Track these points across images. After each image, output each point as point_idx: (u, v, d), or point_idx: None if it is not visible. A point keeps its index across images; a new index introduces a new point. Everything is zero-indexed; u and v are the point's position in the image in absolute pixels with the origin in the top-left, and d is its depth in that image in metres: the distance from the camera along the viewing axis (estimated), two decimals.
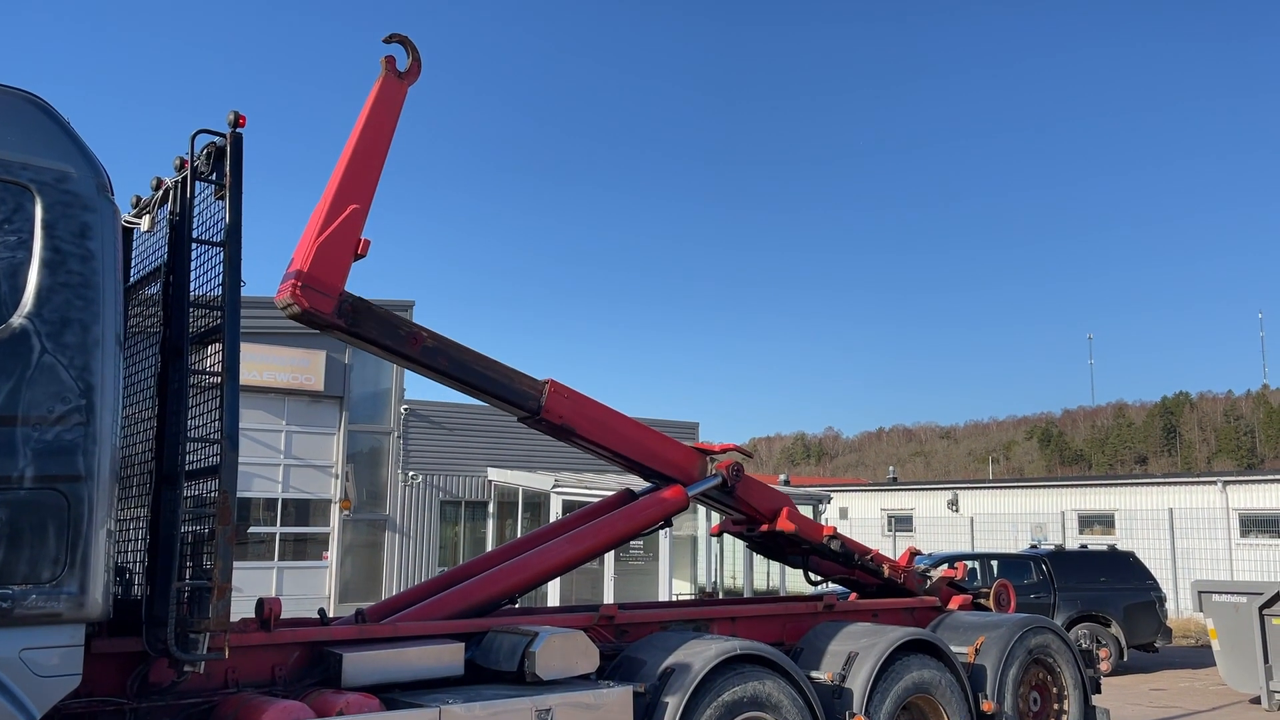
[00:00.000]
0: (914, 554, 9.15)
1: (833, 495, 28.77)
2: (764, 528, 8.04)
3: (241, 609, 5.21)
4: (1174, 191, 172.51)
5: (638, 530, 7.34)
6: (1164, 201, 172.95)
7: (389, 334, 6.04)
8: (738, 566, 24.47)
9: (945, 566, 9.39)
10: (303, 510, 21.72)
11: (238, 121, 5.07)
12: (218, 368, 4.88)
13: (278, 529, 21.12)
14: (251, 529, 20.39)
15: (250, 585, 17.88)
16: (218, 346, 4.94)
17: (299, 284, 5.64)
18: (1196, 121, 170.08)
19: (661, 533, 22.37)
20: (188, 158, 5.23)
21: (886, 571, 8.55)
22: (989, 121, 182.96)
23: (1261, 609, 12.53)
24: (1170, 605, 20.69)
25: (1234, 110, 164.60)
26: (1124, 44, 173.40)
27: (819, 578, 8.92)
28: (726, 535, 8.64)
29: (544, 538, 7.28)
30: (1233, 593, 13.11)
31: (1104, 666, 14.99)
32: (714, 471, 7.62)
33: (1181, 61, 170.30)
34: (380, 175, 6.00)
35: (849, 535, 8.64)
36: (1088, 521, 29.28)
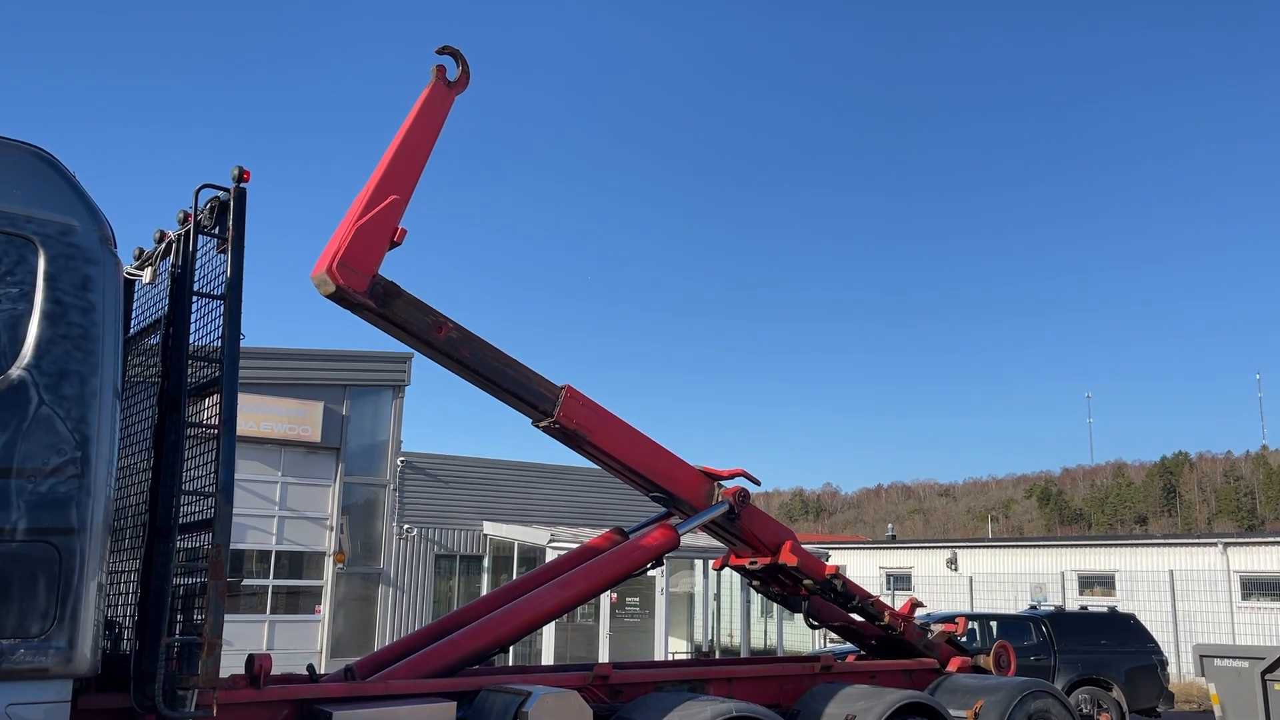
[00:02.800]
0: (915, 605, 9.04)
1: (831, 553, 28.54)
2: (766, 560, 7.94)
3: (232, 663, 5.15)
4: (1172, 250, 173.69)
5: (628, 572, 7.25)
6: (1162, 260, 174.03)
7: (417, 320, 6.12)
8: (735, 624, 24.21)
9: (946, 622, 9.29)
10: (296, 563, 21.54)
11: (242, 176, 5.13)
12: (215, 420, 4.87)
13: (270, 581, 20.92)
14: (244, 581, 20.22)
15: (241, 638, 17.70)
16: (215, 398, 4.94)
17: (335, 262, 5.74)
18: (1196, 175, 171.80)
19: (658, 590, 22.18)
20: (191, 211, 5.28)
21: (886, 618, 8.45)
22: (988, 175, 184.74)
23: (1264, 674, 12.37)
24: (1172, 669, 20.44)
25: (1232, 161, 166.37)
26: (1123, 96, 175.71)
27: (818, 623, 8.80)
28: (724, 595, 8.56)
29: (534, 583, 7.19)
30: (1235, 657, 12.96)
31: None
32: (720, 499, 7.52)
33: (1179, 112, 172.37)
34: (422, 173, 6.20)
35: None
36: (1088, 582, 29.02)
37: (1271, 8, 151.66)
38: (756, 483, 7.83)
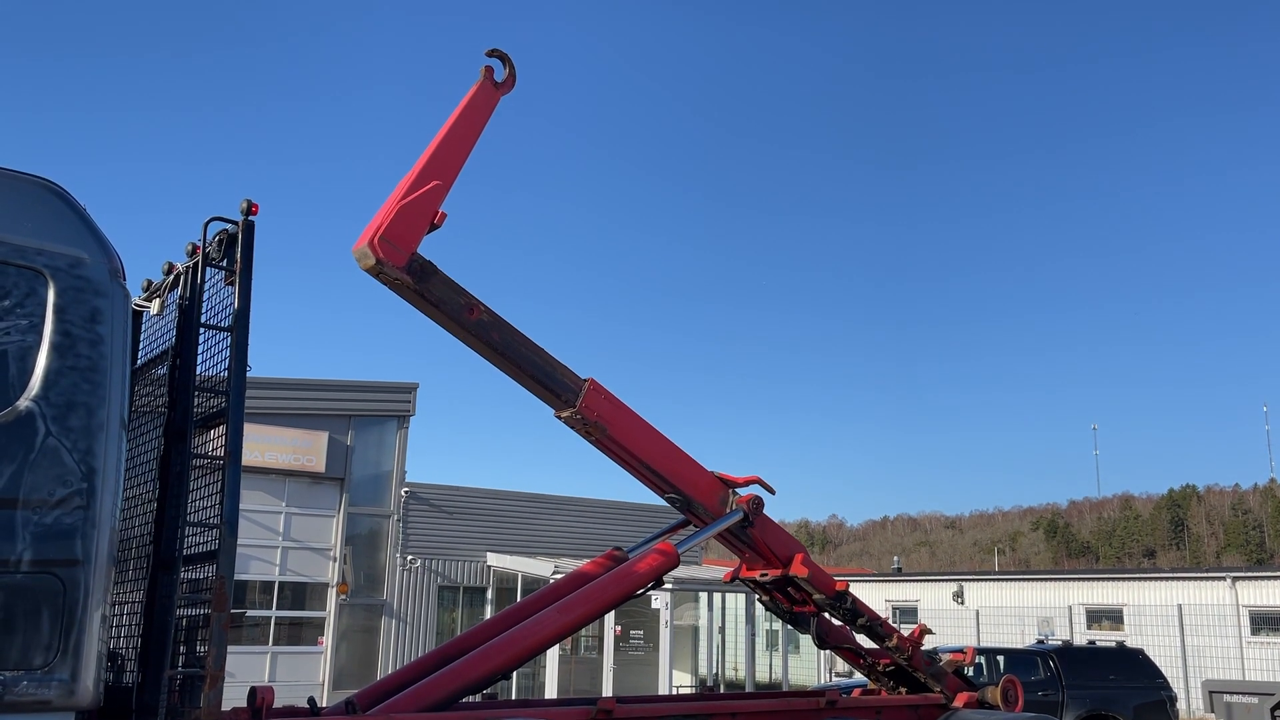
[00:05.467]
0: (925, 631, 8.97)
1: None
2: (777, 572, 7.90)
3: (234, 695, 5.13)
4: (1178, 283, 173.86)
5: (630, 593, 7.18)
6: (1168, 292, 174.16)
7: (451, 299, 6.25)
8: (740, 658, 24.05)
9: (953, 652, 9.21)
10: (299, 594, 21.47)
11: (250, 210, 5.18)
12: (220, 451, 4.89)
13: (273, 612, 20.85)
14: (246, 612, 20.15)
15: (243, 670, 17.60)
16: (221, 430, 4.96)
17: (377, 237, 5.90)
18: (1202, 207, 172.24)
19: (662, 623, 21.99)
20: (200, 243, 5.32)
21: (894, 640, 8.40)
22: (989, 203, 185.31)
23: (1274, 710, 12.28)
24: (1181, 704, 20.25)
25: (1237, 201, 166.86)
26: (1125, 127, 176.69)
27: (824, 644, 8.72)
28: (729, 628, 8.49)
29: (533, 607, 7.13)
30: (1244, 693, 12.86)
31: None
32: (735, 506, 7.50)
33: (1184, 144, 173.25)
34: (464, 165, 6.44)
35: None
36: (1095, 616, 28.82)
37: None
38: (771, 491, 7.78)
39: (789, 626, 8.86)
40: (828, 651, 8.96)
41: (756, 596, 8.63)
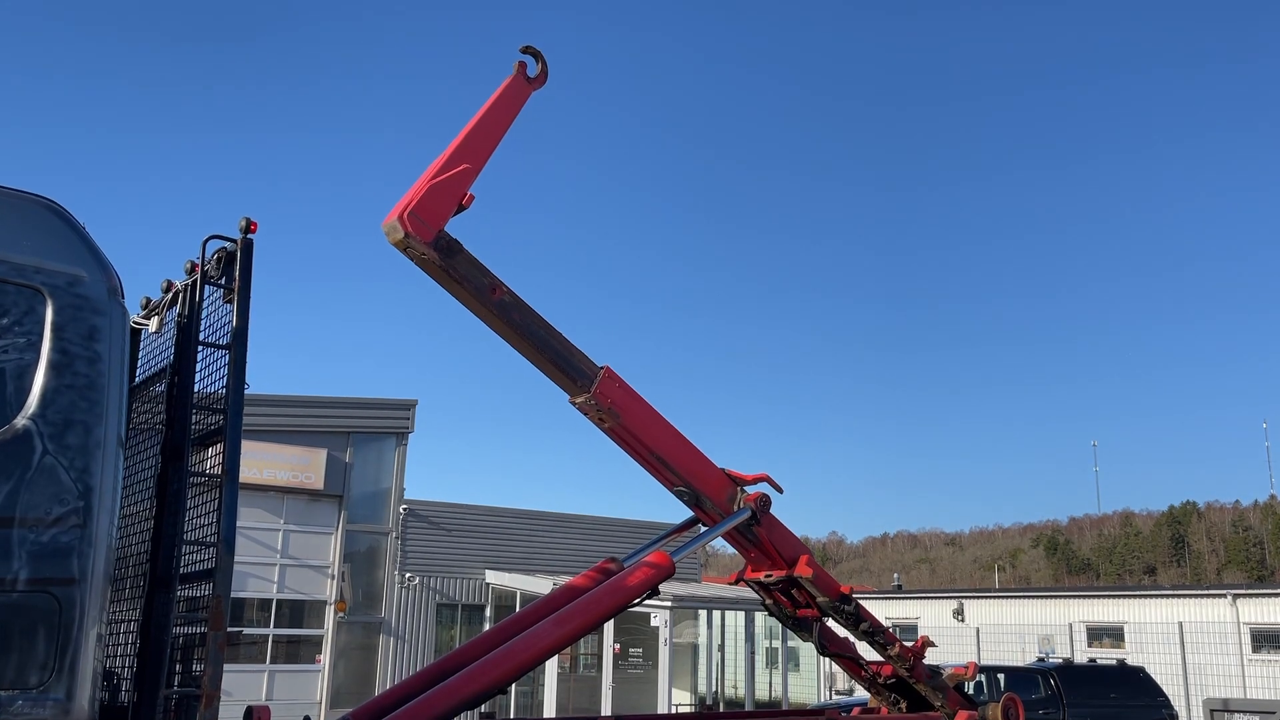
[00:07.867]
0: (928, 643, 8.93)
1: None
2: (781, 573, 7.88)
3: (230, 714, 5.11)
4: (1177, 299, 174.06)
5: (626, 603, 7.13)
6: (1167, 309, 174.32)
7: (475, 278, 6.35)
8: (739, 676, 23.95)
9: (955, 666, 9.17)
10: (297, 611, 21.41)
11: (249, 228, 5.19)
12: (218, 469, 4.88)
13: (270, 630, 20.77)
14: (244, 630, 20.08)
15: (240, 688, 17.55)
16: (219, 447, 4.95)
17: (406, 212, 6.04)
18: (1200, 231, 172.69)
19: (661, 641, 21.91)
20: (199, 261, 5.33)
21: (896, 649, 8.37)
22: (988, 223, 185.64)
23: None
24: None
25: (1236, 216, 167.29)
26: (1128, 146, 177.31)
27: (826, 651, 8.68)
28: (728, 646, 8.45)
29: (529, 620, 7.08)
30: (1245, 711, 12.80)
31: None
32: (743, 505, 7.49)
33: (1184, 165, 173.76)
34: (493, 152, 6.63)
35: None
36: (1096, 634, 28.73)
37: None
38: (779, 490, 7.77)
39: (789, 642, 8.84)
40: (827, 670, 8.93)
41: (760, 599, 8.62)
